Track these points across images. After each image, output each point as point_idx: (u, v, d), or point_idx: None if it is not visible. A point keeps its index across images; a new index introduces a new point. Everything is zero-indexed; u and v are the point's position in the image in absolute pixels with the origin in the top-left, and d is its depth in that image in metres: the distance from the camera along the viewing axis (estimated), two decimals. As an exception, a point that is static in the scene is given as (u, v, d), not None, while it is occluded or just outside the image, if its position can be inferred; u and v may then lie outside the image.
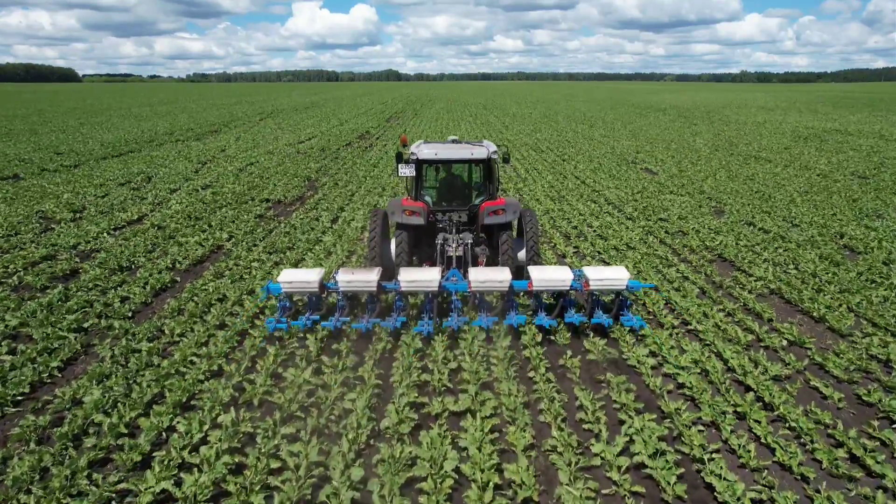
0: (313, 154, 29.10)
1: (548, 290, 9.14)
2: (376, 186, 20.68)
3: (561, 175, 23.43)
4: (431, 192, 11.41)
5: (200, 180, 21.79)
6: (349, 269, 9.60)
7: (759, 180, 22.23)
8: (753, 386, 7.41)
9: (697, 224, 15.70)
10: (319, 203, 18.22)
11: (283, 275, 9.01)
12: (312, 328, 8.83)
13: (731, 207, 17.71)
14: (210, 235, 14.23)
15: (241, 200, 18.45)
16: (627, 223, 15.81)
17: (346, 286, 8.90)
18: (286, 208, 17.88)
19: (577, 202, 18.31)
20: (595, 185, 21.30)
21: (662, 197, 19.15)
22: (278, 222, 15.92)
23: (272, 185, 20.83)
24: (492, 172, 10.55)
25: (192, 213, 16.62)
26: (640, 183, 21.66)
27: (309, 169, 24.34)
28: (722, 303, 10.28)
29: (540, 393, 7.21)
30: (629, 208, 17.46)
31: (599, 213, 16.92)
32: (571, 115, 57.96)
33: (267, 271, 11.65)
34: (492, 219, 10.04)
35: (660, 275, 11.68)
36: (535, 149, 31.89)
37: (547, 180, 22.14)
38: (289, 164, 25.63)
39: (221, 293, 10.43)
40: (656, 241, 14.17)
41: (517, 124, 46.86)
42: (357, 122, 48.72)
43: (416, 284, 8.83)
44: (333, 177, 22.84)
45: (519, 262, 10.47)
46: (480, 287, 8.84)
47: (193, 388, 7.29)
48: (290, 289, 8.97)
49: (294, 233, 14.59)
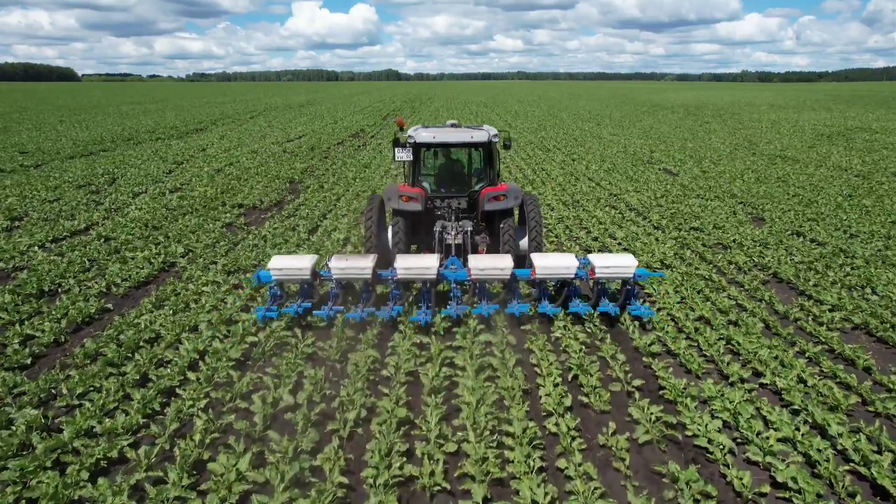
0: (301, 153, 26.81)
1: (551, 279, 8.74)
2: (366, 189, 18.38)
3: (572, 176, 21.14)
4: (430, 178, 10.93)
5: (171, 182, 19.50)
6: (343, 255, 8.96)
7: (793, 182, 19.95)
8: (881, 481, 5.14)
9: (738, 235, 13.42)
10: (299, 209, 15.93)
11: (274, 261, 8.57)
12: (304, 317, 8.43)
13: (770, 214, 15.43)
14: (163, 250, 11.94)
15: (210, 206, 16.16)
16: (656, 234, 13.52)
17: (339, 273, 8.44)
18: (261, 215, 15.59)
19: (595, 208, 16.02)
20: (612, 187, 19.01)
21: (690, 202, 16.86)
22: (247, 233, 13.63)
23: (249, 188, 18.53)
24: (492, 157, 10.14)
25: (150, 221, 14.33)
26: (662, 186, 19.37)
27: (293, 170, 22.05)
28: (796, 343, 8.00)
29: (576, 499, 4.94)
30: (655, 215, 15.18)
31: (622, 222, 14.63)
32: (576, 112, 55.65)
33: (220, 298, 9.38)
34: (492, 205, 9.55)
35: (709, 302, 9.40)
36: (541, 147, 29.59)
37: (558, 182, 19.85)
38: (272, 165, 23.34)
39: (155, 331, 8.14)
40: (694, 256, 11.88)
41: (520, 122, 44.56)
42: (352, 119, 46.42)
43: (414, 272, 8.41)
44: (319, 179, 20.54)
45: (521, 251, 10.05)
46: (480, 275, 8.45)
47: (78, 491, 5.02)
48: (280, 276, 8.54)
49: (263, 246, 12.29)
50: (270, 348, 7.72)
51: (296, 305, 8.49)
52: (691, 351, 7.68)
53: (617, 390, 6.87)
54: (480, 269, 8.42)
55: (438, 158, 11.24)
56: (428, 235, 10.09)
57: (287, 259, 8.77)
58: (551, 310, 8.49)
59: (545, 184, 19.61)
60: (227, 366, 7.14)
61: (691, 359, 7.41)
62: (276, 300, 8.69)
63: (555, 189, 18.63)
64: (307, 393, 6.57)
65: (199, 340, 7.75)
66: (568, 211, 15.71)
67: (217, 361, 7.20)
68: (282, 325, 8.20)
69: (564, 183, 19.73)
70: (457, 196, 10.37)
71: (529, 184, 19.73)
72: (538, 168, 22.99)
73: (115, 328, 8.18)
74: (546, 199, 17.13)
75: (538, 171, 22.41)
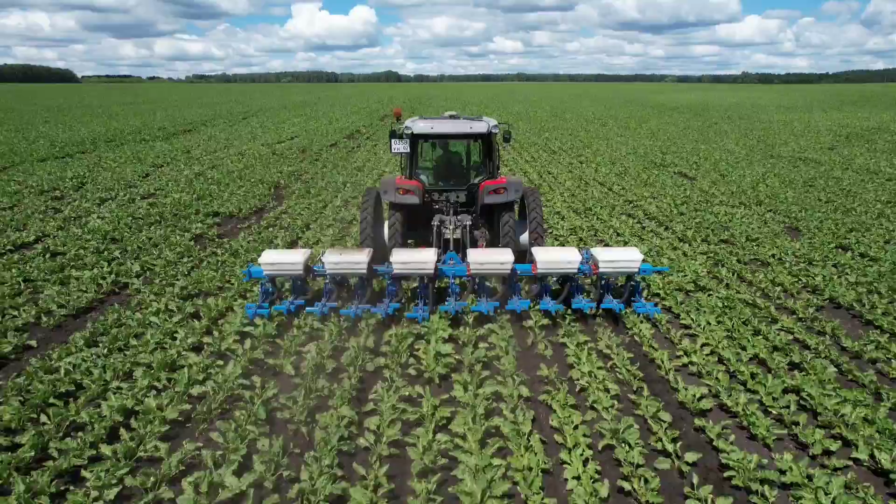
0: (290, 155, 25.17)
1: (553, 274, 8.46)
2: (356, 196, 16.75)
3: (582, 181, 19.49)
4: (427, 171, 10.47)
5: (145, 187, 17.85)
6: (337, 249, 8.50)
7: (821, 187, 18.33)
8: None
9: (775, 248, 11.79)
10: (280, 218, 14.29)
11: (265, 256, 8.27)
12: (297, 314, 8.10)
13: (805, 223, 13.80)
14: (116, 267, 10.29)
15: (182, 214, 14.52)
16: (682, 247, 11.87)
17: (333, 268, 8.12)
18: (237, 225, 13.94)
19: (611, 217, 14.38)
20: (626, 193, 17.37)
21: (714, 209, 15.23)
22: (217, 246, 11.98)
23: (229, 194, 16.89)
24: (492, 149, 9.82)
25: (111, 232, 12.69)
26: (680, 191, 17.74)
27: (280, 173, 20.40)
28: (882, 394, 6.36)
29: None
30: (678, 225, 13.54)
31: (642, 233, 12.99)
32: (579, 113, 54.05)
33: (169, 331, 7.74)
34: (492, 198, 9.28)
35: (760, 337, 7.76)
36: (545, 149, 27.95)
37: (566, 187, 18.21)
38: (257, 168, 21.69)
39: (76, 381, 6.49)
40: (731, 275, 10.23)
41: (522, 123, 42.93)
42: (348, 120, 44.82)
43: (410, 266, 8.10)
44: (307, 183, 18.89)
45: (521, 246, 9.71)
46: (480, 270, 8.18)
47: None
48: (272, 271, 8.26)
49: (231, 264, 10.65)
50: (219, 404, 6.09)
51: (288, 302, 8.20)
52: (752, 407, 6.03)
53: (666, 469, 5.23)
54: (480, 263, 8.08)
55: (436, 150, 10.78)
56: (425, 230, 9.68)
57: (279, 254, 8.43)
58: (553, 306, 8.14)
59: (553, 189, 17.96)
60: (158, 432, 5.50)
61: (756, 420, 5.77)
62: (268, 297, 8.35)
63: (564, 195, 16.98)
64: (257, 473, 4.94)
65: (129, 394, 6.11)
66: (581, 220, 14.06)
67: (146, 426, 5.55)
68: (236, 373, 6.55)
69: (574, 188, 18.08)
70: (455, 189, 10.03)
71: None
72: (544, 171, 21.34)
73: (29, 376, 6.53)
74: (555, 206, 15.49)
75: (544, 174, 20.76)
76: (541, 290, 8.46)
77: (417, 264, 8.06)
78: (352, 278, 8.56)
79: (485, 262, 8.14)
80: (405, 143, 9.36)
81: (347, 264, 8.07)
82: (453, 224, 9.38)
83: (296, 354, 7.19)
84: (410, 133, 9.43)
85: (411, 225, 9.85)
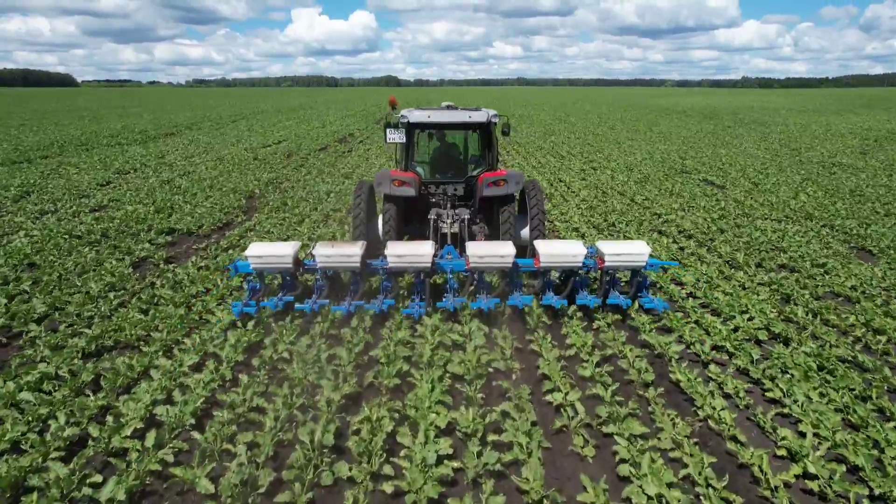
0: (274, 160, 22.88)
1: (557, 268, 7.91)
2: (339, 208, 14.45)
3: (598, 190, 17.18)
4: (424, 163, 10.20)
5: (99, 197, 15.55)
6: (328, 242, 7.99)
7: (873, 197, 16.02)
8: None
9: (852, 277, 9.48)
10: (246, 236, 11.98)
11: (252, 249, 7.72)
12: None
13: (875, 243, 11.49)
14: (15, 307, 7.97)
15: (131, 231, 12.22)
16: (736, 276, 9.56)
17: (324, 261, 7.61)
18: (193, 245, 11.62)
19: (639, 234, 12.08)
20: (651, 204, 15.07)
21: (759, 225, 12.92)
22: (159, 273, 9.66)
23: (193, 206, 14.59)
24: (491, 140, 9.55)
25: (34, 255, 10.38)
26: (713, 202, 15.43)
27: (257, 181, 18.09)
28: None
29: None
30: (724, 246, 11.23)
31: (681, 256, 10.68)
32: (584, 116, 51.80)
33: (46, 414, 5.42)
34: (491, 190, 8.88)
35: (891, 421, 5.44)
36: (553, 154, 25.65)
37: (582, 198, 15.91)
38: (234, 175, 19.38)
39: None
40: (810, 317, 7.91)
41: (525, 126, 40.70)
42: (343, 123, 42.58)
43: (407, 260, 7.59)
44: (285, 193, 16.58)
45: (522, 241, 9.31)
46: (479, 263, 7.67)
47: None
48: (259, 264, 7.71)
49: (166, 302, 8.32)
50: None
51: (276, 299, 7.73)
52: None
53: None
54: (479, 256, 7.67)
55: (433, 141, 10.36)
56: (421, 224, 9.44)
57: (267, 246, 7.91)
58: (557, 301, 7.76)
59: (567, 200, 15.64)
60: None
61: None
62: (255, 294, 7.87)
63: (581, 207, 14.66)
64: None
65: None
66: (603, 238, 11.75)
67: None
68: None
69: (591, 199, 15.77)
70: (453, 182, 9.67)
71: (549, 202, 15.81)
72: (555, 179, 19.02)
73: None
74: (572, 221, 13.17)
75: (555, 182, 18.45)
76: (543, 286, 7.92)
77: (414, 258, 7.56)
78: (344, 273, 8.05)
79: (485, 255, 7.63)
80: (401, 132, 8.93)
81: (340, 257, 7.56)
82: (451, 218, 9.04)
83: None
84: (406, 122, 9.03)
85: (407, 219, 9.44)
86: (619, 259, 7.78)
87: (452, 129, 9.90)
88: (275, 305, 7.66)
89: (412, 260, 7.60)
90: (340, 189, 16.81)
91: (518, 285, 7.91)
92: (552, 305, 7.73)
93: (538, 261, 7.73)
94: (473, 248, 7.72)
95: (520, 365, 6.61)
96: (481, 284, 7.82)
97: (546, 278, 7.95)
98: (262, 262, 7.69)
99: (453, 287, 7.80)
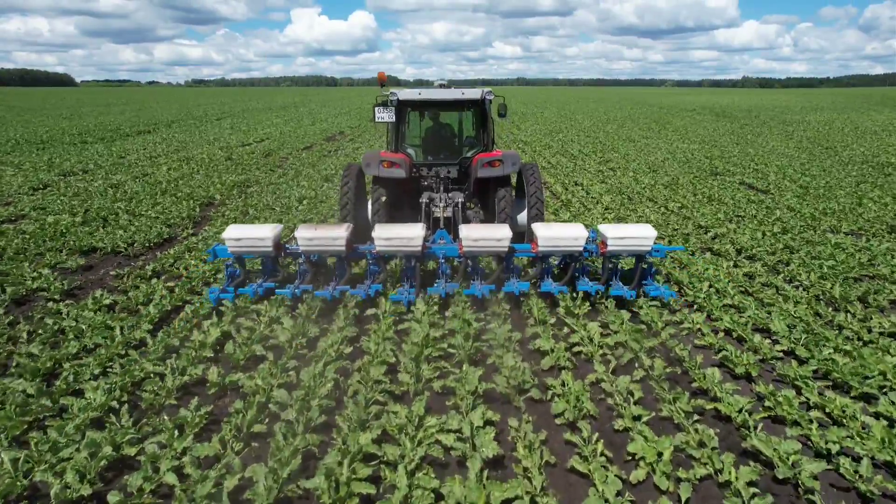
0: (249, 161, 20.22)
1: (557, 252, 7.42)
2: (311, 216, 11.81)
3: (622, 195, 14.52)
4: (415, 145, 9.61)
5: (21, 205, 12.88)
6: (311, 224, 7.39)
7: (953, 204, 13.36)
8: None
9: None
10: (183, 258, 9.32)
11: (230, 231, 7.22)
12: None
13: None
14: None
15: (36, 251, 9.56)
16: (839, 319, 6.87)
17: (307, 245, 7.15)
18: (112, 268, 8.94)
19: (691, 257, 9.41)
20: (691, 214, 12.40)
21: (829, 239, 10.25)
22: (39, 320, 6.97)
23: (135, 216, 11.93)
24: (486, 120, 9.01)
25: None
26: (763, 210, 12.77)
27: (221, 185, 15.43)
28: None
29: None
30: (801, 272, 8.55)
31: (754, 286, 7.99)
32: (590, 114, 49.14)
33: None
34: (486, 171, 8.29)
35: None
36: (563, 153, 22.98)
37: (604, 204, 13.24)
38: (196, 178, 16.72)
39: None
40: None
41: (529, 124, 38.03)
42: (334, 121, 39.94)
43: (395, 243, 7.12)
44: (249, 199, 13.92)
45: (519, 227, 8.99)
46: (473, 247, 7.18)
47: None
48: (237, 248, 7.25)
49: (26, 370, 5.63)
50: None
51: (255, 285, 7.26)
52: None
53: None
54: (473, 239, 7.12)
55: (425, 121, 9.84)
56: (413, 209, 8.94)
57: (245, 228, 7.37)
58: (556, 288, 7.22)
59: (589, 208, 12.95)
60: None
61: None
62: (234, 280, 7.32)
63: (607, 218, 11.98)
64: None
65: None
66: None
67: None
68: None
69: (616, 206, 13.10)
70: (446, 164, 9.22)
71: (561, 204, 13.14)
72: (570, 182, 16.34)
73: None
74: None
75: (571, 186, 15.77)
76: (542, 271, 7.48)
77: (403, 240, 7.12)
78: (329, 257, 7.63)
79: (479, 237, 7.17)
80: (390, 111, 8.48)
81: (324, 240, 7.12)
82: (444, 202, 8.61)
83: None
84: (396, 100, 8.59)
85: (397, 203, 9.00)
86: (622, 243, 7.23)
87: (444, 107, 9.35)
88: (253, 292, 7.19)
89: (401, 243, 7.11)
90: (317, 195, 14.13)
91: (515, 272, 7.51)
92: (551, 292, 7.27)
93: (536, 245, 7.27)
94: (467, 231, 7.21)
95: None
96: (475, 270, 7.33)
97: (545, 264, 7.46)
98: (240, 246, 7.22)
99: (445, 273, 7.41)
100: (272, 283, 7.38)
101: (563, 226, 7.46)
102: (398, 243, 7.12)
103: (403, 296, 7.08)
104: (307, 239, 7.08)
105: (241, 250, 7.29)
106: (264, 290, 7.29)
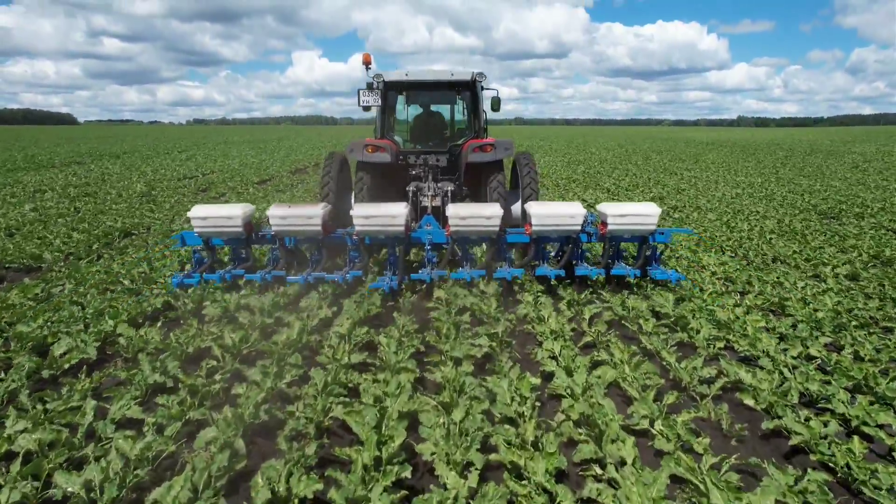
0: (170, 198, 14.68)
1: (552, 233, 6.74)
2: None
3: (727, 250, 8.89)
4: (403, 132, 9.35)
5: None
6: (284, 203, 6.85)
7: None
8: None
9: None
10: None
11: (196, 210, 6.56)
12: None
13: None
14: None
15: None
16: None
17: (279, 225, 6.47)
18: None
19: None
20: (854, 286, 6.74)
21: None
22: None
23: None
24: (478, 104, 8.63)
25: None
26: None
27: (86, 233, 9.80)
28: None
29: None
30: None
31: None
32: (606, 146, 44.15)
33: None
34: (477, 156, 7.91)
35: None
36: (595, 187, 17.46)
37: (719, 269, 7.59)
38: (68, 219, 11.12)
39: None
40: None
41: (540, 155, 32.80)
42: (311, 152, 35.04)
43: (376, 222, 6.44)
44: (122, 250, 8.27)
45: (513, 218, 8.39)
46: (461, 226, 6.58)
47: None
48: (203, 228, 6.56)
49: None
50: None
51: (223, 271, 6.62)
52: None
53: None
54: (462, 217, 6.53)
55: (413, 107, 9.41)
56: (400, 199, 8.19)
57: (213, 207, 6.67)
58: (553, 272, 6.67)
59: (700, 273, 7.29)
60: None
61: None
62: (200, 266, 6.81)
63: (754, 310, 6.30)
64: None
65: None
66: None
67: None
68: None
69: (735, 273, 7.44)
70: (435, 152, 8.77)
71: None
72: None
73: None
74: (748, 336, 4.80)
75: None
76: (536, 254, 6.84)
77: (384, 219, 6.35)
78: (303, 238, 6.72)
79: (467, 216, 6.47)
80: (375, 95, 8.11)
81: (297, 220, 6.38)
82: (433, 191, 8.06)
83: None
84: (382, 82, 8.23)
85: (383, 193, 8.26)
86: (623, 222, 6.58)
87: (433, 88, 8.78)
88: (220, 278, 6.53)
89: (383, 222, 6.40)
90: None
91: (507, 257, 6.82)
92: (547, 276, 6.65)
93: (529, 226, 6.62)
94: (454, 209, 6.59)
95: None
96: (464, 255, 6.77)
97: (540, 246, 6.90)
98: (207, 226, 6.54)
99: (431, 260, 6.83)
100: (241, 271, 6.66)
101: (558, 204, 6.75)
102: (379, 222, 6.40)
103: (385, 283, 6.31)
104: (280, 217, 6.39)
105: (208, 231, 6.56)
106: (232, 276, 6.60)
